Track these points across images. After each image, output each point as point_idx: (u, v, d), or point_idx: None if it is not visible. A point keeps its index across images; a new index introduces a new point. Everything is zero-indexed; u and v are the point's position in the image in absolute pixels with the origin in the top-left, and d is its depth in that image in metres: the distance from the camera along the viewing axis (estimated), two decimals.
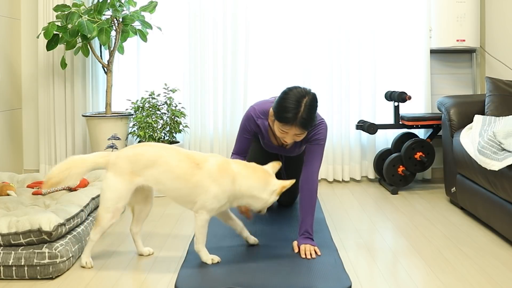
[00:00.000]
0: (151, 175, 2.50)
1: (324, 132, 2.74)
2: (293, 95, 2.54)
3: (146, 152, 2.52)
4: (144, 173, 2.50)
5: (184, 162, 2.48)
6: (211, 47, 4.31)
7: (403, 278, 2.39)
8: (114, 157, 2.52)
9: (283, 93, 2.59)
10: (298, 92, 2.56)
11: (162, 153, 2.51)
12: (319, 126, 2.72)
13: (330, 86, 4.32)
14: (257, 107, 2.83)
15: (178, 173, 2.47)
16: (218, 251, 2.65)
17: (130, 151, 2.54)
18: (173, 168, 2.48)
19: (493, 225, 2.96)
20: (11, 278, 2.38)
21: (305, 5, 4.30)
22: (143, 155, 2.51)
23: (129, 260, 2.63)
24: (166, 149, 2.55)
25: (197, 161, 2.49)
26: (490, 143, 2.94)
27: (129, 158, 2.50)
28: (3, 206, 2.89)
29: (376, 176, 4.42)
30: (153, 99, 4.01)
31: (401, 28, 4.37)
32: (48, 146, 4.32)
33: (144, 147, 2.56)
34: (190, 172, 2.46)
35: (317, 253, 2.60)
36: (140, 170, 2.50)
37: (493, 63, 4.31)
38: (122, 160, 2.50)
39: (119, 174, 2.48)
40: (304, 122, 2.53)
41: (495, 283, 2.31)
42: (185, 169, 2.47)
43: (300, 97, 2.53)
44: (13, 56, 4.27)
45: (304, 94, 2.55)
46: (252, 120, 2.82)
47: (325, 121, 2.78)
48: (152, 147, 2.56)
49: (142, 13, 4.01)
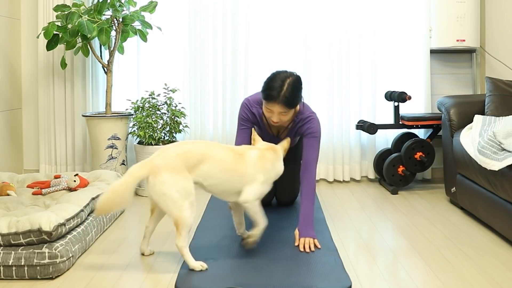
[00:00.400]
0: (202, 171, 2.48)
1: (317, 125, 2.92)
2: (278, 75, 2.76)
3: (194, 148, 2.50)
4: (195, 170, 2.47)
5: (229, 154, 2.55)
6: (211, 47, 4.31)
7: (403, 278, 2.39)
8: (161, 158, 2.43)
9: (271, 74, 2.80)
10: (283, 73, 2.77)
11: (208, 148, 2.53)
12: (311, 121, 2.92)
13: (330, 86, 4.32)
14: (251, 97, 3.04)
15: (227, 165, 2.52)
16: (218, 251, 2.65)
17: (177, 149, 2.47)
18: (221, 161, 2.52)
19: (493, 225, 2.96)
20: (11, 278, 2.38)
21: (305, 5, 4.30)
22: (191, 152, 2.48)
23: (129, 260, 2.63)
24: (209, 144, 2.57)
25: (239, 152, 2.59)
26: (490, 143, 2.94)
27: (180, 156, 2.45)
28: (3, 206, 2.89)
29: (376, 176, 4.42)
30: (153, 99, 4.01)
31: (401, 28, 4.38)
32: (48, 146, 4.33)
33: (188, 144, 2.53)
34: (237, 163, 2.55)
35: (317, 246, 2.69)
36: (191, 167, 2.46)
37: (493, 63, 4.31)
38: (174, 159, 2.43)
39: (176, 172, 2.41)
40: (286, 100, 2.72)
41: (495, 283, 2.31)
42: (232, 160, 2.54)
43: (284, 78, 2.74)
44: (13, 56, 4.27)
45: (289, 75, 2.76)
46: (247, 108, 2.99)
47: (315, 115, 2.96)
48: (195, 143, 2.56)
49: (142, 13, 4.01)
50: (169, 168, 2.41)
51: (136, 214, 3.48)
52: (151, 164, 2.42)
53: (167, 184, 2.39)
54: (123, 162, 4.01)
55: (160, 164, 2.41)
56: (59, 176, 3.40)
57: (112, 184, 2.43)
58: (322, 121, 4.33)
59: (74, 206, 2.71)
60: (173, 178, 2.40)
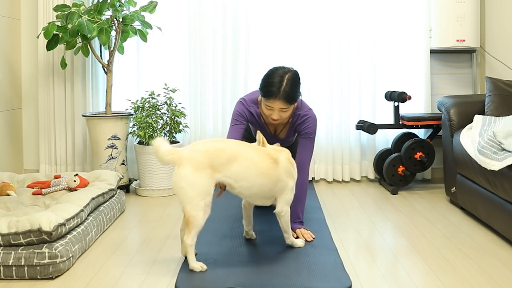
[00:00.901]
0: (233, 171, 2.43)
1: (313, 125, 2.92)
2: (276, 72, 2.76)
3: (227, 147, 2.45)
4: (224, 169, 2.41)
5: (264, 158, 2.51)
6: (211, 47, 4.31)
7: (403, 278, 2.39)
8: (189, 151, 2.39)
9: (268, 71, 2.81)
10: (281, 69, 2.78)
11: (242, 149, 2.48)
12: (308, 120, 2.90)
13: (330, 86, 4.32)
14: (246, 97, 3.02)
15: (262, 169, 2.48)
16: (218, 251, 2.65)
17: (208, 145, 2.42)
18: (257, 163, 2.48)
19: (493, 225, 2.96)
20: (11, 278, 2.38)
21: (305, 5, 4.30)
22: (223, 150, 2.42)
23: (129, 260, 2.63)
24: (243, 145, 2.53)
25: (274, 156, 2.55)
26: (490, 143, 2.94)
27: (209, 153, 2.39)
28: (3, 206, 2.89)
29: (376, 176, 4.42)
30: (153, 99, 4.01)
31: (401, 28, 4.37)
32: (48, 146, 4.32)
33: (221, 142, 2.50)
34: (271, 167, 2.52)
35: (313, 236, 2.82)
36: (220, 166, 2.40)
37: (493, 63, 4.31)
38: (201, 155, 2.37)
39: (199, 168, 2.35)
40: (287, 95, 2.71)
41: (495, 283, 2.31)
42: (267, 164, 2.51)
43: (283, 73, 2.74)
44: (13, 56, 4.27)
45: (287, 71, 2.77)
46: (244, 106, 2.97)
47: (312, 112, 2.95)
48: (228, 142, 2.52)
49: (142, 13, 4.01)
50: (192, 162, 2.35)
51: (136, 214, 3.48)
52: (179, 154, 2.37)
53: (188, 179, 2.34)
54: (123, 162, 4.01)
55: (185, 157, 2.36)
56: (59, 176, 3.40)
57: (164, 142, 2.40)
58: (322, 121, 4.36)
59: (74, 206, 2.71)
60: (194, 174, 2.34)
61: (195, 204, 2.35)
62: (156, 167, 3.89)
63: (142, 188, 3.97)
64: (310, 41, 4.31)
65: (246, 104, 2.96)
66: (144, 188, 3.96)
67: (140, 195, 3.98)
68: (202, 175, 2.36)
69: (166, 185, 3.95)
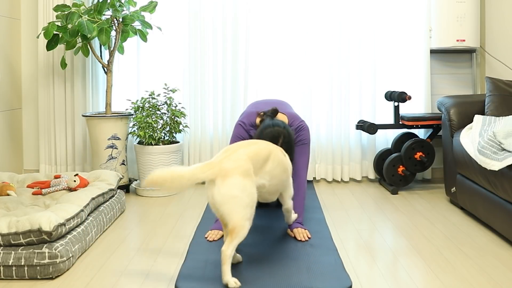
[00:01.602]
0: (267, 172, 2.44)
1: (306, 134, 3.07)
2: (268, 136, 2.72)
3: (260, 148, 2.44)
4: (260, 171, 2.41)
5: (281, 152, 2.59)
6: (211, 47, 4.31)
7: (403, 278, 2.39)
8: (232, 161, 2.29)
9: (263, 128, 2.78)
10: (272, 134, 2.73)
11: (269, 147, 2.52)
12: (301, 131, 3.06)
13: (330, 86, 4.32)
14: (245, 120, 3.10)
15: (284, 164, 2.57)
16: (218, 251, 2.65)
17: (246, 151, 2.36)
18: (282, 160, 2.55)
19: (493, 225, 2.96)
20: (11, 278, 2.38)
21: (305, 5, 4.30)
22: (259, 153, 2.41)
23: (129, 260, 2.63)
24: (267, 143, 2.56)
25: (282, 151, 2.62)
26: (490, 143, 2.94)
27: (250, 158, 2.35)
28: (3, 206, 2.89)
29: (376, 176, 4.42)
30: (153, 99, 4.01)
31: (401, 28, 4.38)
32: (48, 146, 4.33)
33: (254, 145, 2.44)
34: (287, 162, 2.61)
35: (308, 236, 2.85)
36: (258, 169, 2.40)
37: (493, 63, 4.31)
38: (245, 162, 2.31)
39: (247, 176, 2.29)
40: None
41: (495, 283, 2.31)
42: (285, 159, 2.60)
43: (276, 138, 2.73)
44: (13, 56, 4.27)
45: (280, 134, 2.74)
46: (244, 131, 3.08)
47: (304, 123, 3.11)
48: (258, 143, 2.49)
49: (142, 13, 4.01)
50: (240, 170, 2.27)
51: (136, 214, 3.48)
52: (219, 166, 2.26)
53: (240, 187, 2.25)
54: (123, 162, 4.01)
55: (230, 167, 2.27)
56: (59, 176, 3.40)
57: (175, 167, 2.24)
58: (322, 121, 4.37)
59: (74, 206, 2.71)
60: (245, 181, 2.27)
61: (245, 213, 2.25)
62: (156, 167, 3.89)
63: (142, 188, 3.97)
64: (310, 41, 4.31)
65: (246, 127, 3.09)
66: (144, 188, 3.96)
67: (140, 195, 3.98)
68: (250, 181, 2.30)
69: None
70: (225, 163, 2.28)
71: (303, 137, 3.07)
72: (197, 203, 3.75)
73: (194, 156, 4.32)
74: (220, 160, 2.30)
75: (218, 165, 2.27)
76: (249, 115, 3.12)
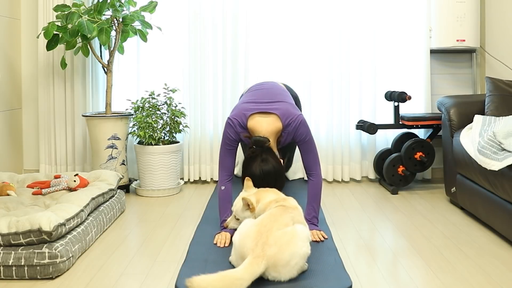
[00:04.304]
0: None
1: (303, 129, 2.88)
2: (252, 176, 2.75)
3: (286, 220, 2.41)
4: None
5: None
6: (211, 47, 4.31)
7: (403, 278, 2.39)
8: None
9: (256, 182, 2.76)
10: (254, 173, 2.76)
11: (291, 214, 2.53)
12: (299, 127, 2.87)
13: (330, 86, 4.32)
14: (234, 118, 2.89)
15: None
16: (218, 252, 2.65)
17: (279, 225, 2.30)
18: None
19: (493, 225, 2.96)
20: (11, 278, 2.38)
21: (305, 5, 4.30)
22: (287, 224, 2.37)
23: (129, 260, 2.63)
24: (285, 207, 2.58)
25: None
26: (490, 143, 2.94)
27: (281, 227, 2.31)
28: (3, 206, 2.89)
29: (376, 176, 4.42)
30: (153, 99, 4.01)
31: (401, 28, 4.38)
32: (48, 146, 4.33)
33: (281, 215, 2.41)
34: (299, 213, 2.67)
35: (324, 237, 2.83)
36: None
37: (493, 63, 4.31)
38: (285, 235, 2.27)
39: (291, 244, 2.25)
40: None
41: (495, 283, 2.31)
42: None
43: (273, 183, 2.75)
44: (13, 56, 4.27)
45: (260, 175, 2.75)
46: (232, 129, 2.89)
47: (300, 116, 2.89)
48: (275, 192, 2.69)
49: (142, 13, 4.01)
50: (288, 253, 2.22)
51: (136, 214, 3.48)
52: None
53: (295, 257, 2.24)
54: (123, 162, 4.01)
55: (273, 253, 2.18)
56: (59, 176, 3.40)
57: (225, 272, 2.08)
58: (322, 121, 4.36)
59: (74, 206, 2.71)
60: (293, 251, 2.23)
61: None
62: (156, 167, 3.89)
63: (142, 188, 3.98)
64: (310, 41, 4.31)
65: (235, 127, 2.88)
66: (144, 188, 3.96)
67: (140, 195, 3.98)
68: (297, 245, 2.30)
69: (166, 185, 3.95)
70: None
71: (303, 133, 2.87)
72: (197, 203, 3.75)
73: (194, 156, 4.32)
74: (261, 249, 2.17)
75: (262, 253, 2.16)
76: (240, 113, 2.90)
